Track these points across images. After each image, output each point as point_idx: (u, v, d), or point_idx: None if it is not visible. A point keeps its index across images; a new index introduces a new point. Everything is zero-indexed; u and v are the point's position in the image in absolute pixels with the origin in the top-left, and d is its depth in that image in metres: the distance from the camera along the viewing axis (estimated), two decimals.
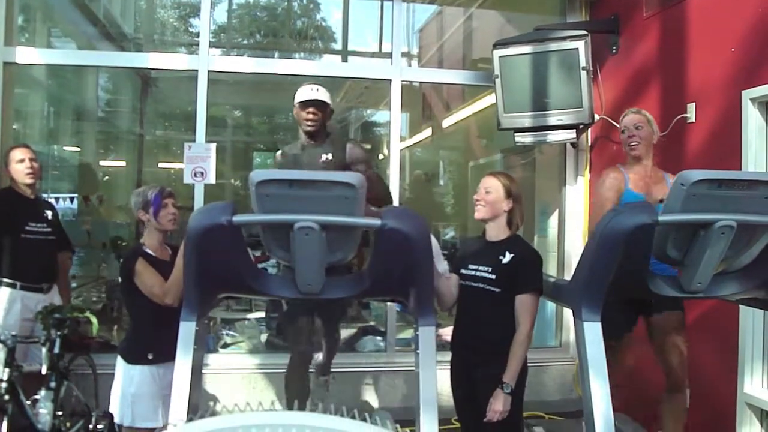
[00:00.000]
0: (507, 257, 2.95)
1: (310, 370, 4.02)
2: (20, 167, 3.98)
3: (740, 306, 3.53)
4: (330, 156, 3.82)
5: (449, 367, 3.10)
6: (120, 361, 3.26)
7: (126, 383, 3.19)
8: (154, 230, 3.30)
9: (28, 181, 4.03)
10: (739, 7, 3.86)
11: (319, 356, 3.98)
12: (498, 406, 2.83)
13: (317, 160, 3.80)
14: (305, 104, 3.79)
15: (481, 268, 2.99)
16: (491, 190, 3.02)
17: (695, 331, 3.65)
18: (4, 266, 3.95)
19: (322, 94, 3.81)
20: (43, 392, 3.44)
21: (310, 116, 3.79)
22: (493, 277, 2.94)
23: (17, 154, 3.99)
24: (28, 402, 3.42)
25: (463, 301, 3.08)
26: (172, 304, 3.05)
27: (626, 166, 3.56)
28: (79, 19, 6.84)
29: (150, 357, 3.17)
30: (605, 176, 3.57)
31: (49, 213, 4.15)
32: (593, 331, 2.31)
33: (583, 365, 2.32)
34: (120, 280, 3.32)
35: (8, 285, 3.94)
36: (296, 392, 3.94)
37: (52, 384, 3.48)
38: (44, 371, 3.47)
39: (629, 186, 3.45)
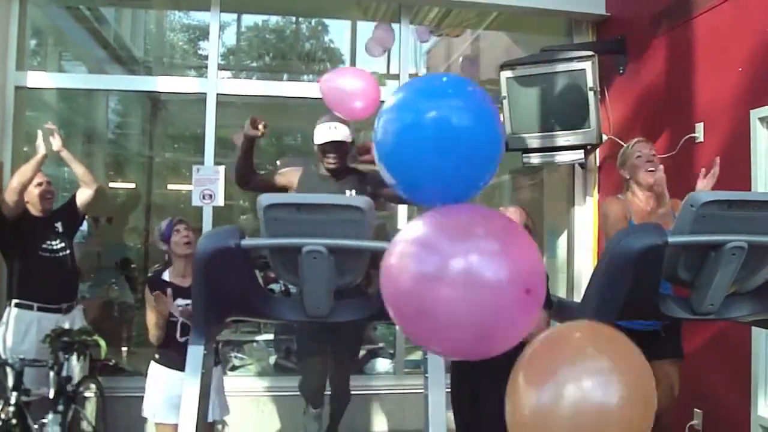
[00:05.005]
0: None
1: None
2: (38, 191, 4.02)
3: (752, 327, 3.49)
4: (354, 192, 3.65)
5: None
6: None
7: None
8: (175, 258, 3.46)
9: (46, 206, 4.07)
10: (746, 27, 3.86)
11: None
12: None
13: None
14: (323, 146, 3.63)
15: None
16: None
17: (707, 353, 3.61)
18: (20, 288, 3.95)
19: (339, 133, 3.61)
20: (50, 416, 3.43)
21: (330, 159, 3.63)
22: None
23: (35, 178, 4.00)
24: (36, 426, 3.42)
25: None
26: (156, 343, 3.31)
27: (630, 195, 3.35)
28: (90, 42, 6.92)
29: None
30: (608, 207, 3.32)
31: (59, 224, 4.13)
32: None
33: None
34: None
35: (24, 307, 3.91)
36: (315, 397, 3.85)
37: (60, 408, 3.47)
38: (52, 395, 3.47)
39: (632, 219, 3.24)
